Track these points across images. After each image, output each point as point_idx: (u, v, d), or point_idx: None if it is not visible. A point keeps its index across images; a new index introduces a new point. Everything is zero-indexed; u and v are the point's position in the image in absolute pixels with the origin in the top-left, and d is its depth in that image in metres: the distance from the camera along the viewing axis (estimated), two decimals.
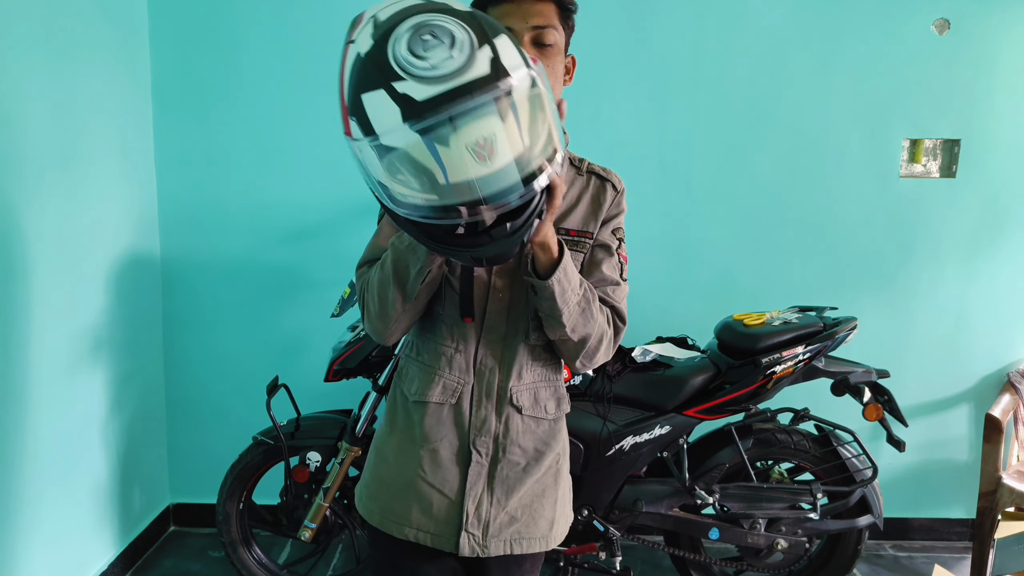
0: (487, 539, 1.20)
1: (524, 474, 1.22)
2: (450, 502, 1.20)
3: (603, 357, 1.21)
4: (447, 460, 1.20)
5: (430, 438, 1.20)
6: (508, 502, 1.21)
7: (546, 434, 1.25)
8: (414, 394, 1.22)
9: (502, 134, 0.83)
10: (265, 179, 2.61)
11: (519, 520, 1.23)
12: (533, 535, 1.24)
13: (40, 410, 2.04)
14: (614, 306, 1.21)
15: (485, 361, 1.20)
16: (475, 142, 0.82)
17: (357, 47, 0.86)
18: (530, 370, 1.23)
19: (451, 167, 0.82)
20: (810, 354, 2.09)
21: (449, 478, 1.20)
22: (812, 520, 2.13)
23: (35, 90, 1.97)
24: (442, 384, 1.20)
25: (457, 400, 1.20)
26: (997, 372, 2.75)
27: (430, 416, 1.20)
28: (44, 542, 2.08)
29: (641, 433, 2.09)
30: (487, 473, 1.20)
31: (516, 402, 1.21)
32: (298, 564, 2.43)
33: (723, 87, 2.60)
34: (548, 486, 1.26)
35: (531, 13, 1.13)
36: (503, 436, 1.21)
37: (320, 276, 2.67)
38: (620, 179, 1.27)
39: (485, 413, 1.20)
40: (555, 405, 1.26)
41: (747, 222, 2.67)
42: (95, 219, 2.27)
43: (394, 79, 0.82)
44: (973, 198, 2.66)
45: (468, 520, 1.19)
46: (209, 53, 2.57)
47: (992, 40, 2.57)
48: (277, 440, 2.21)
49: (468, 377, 1.20)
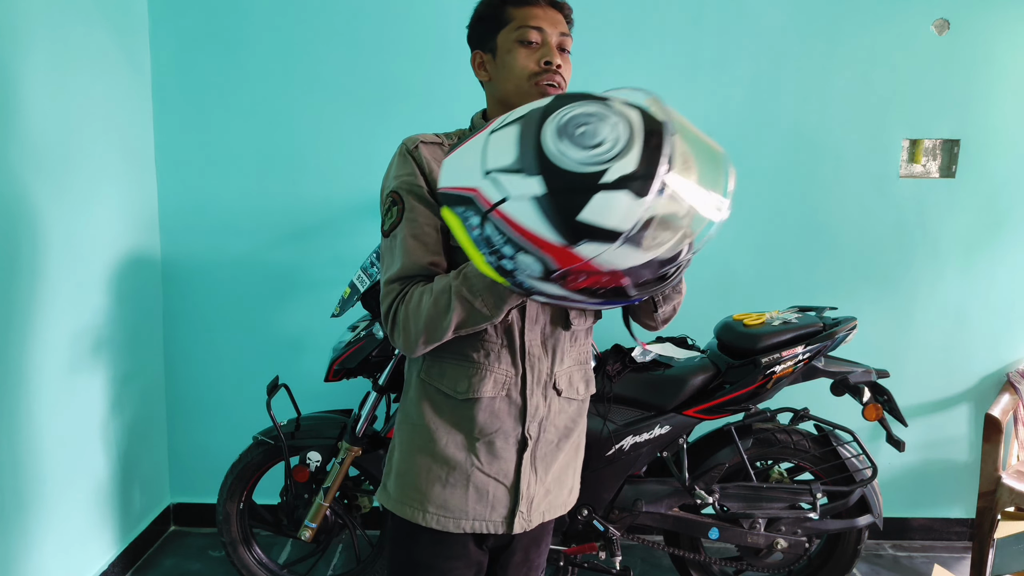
0: (531, 514, 1.29)
1: (556, 450, 1.31)
2: (505, 488, 1.27)
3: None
4: (503, 449, 1.26)
5: (486, 431, 1.25)
6: (547, 477, 1.31)
7: (575, 412, 1.34)
8: (464, 392, 1.23)
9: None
10: (265, 179, 2.62)
11: (552, 492, 1.33)
12: (559, 503, 1.35)
13: (40, 410, 2.04)
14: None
15: (532, 351, 1.25)
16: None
17: (523, 189, 0.87)
18: (569, 355, 1.30)
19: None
20: (810, 354, 2.09)
21: (504, 467, 1.26)
22: (812, 520, 2.13)
23: (36, 90, 1.97)
24: (492, 379, 1.23)
25: (507, 392, 1.24)
26: (997, 372, 2.75)
27: (483, 410, 1.24)
28: (44, 542, 2.08)
29: (641, 433, 2.09)
30: (531, 455, 1.28)
31: (557, 386, 1.28)
32: (298, 564, 2.43)
33: (723, 87, 2.61)
34: (572, 458, 1.37)
35: (557, 21, 1.23)
36: (545, 418, 1.28)
37: (320, 276, 2.67)
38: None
39: (537, 400, 1.26)
40: (584, 387, 1.36)
41: (747, 222, 2.67)
42: (95, 219, 2.27)
43: (594, 178, 0.84)
44: (972, 198, 2.66)
45: (522, 501, 1.27)
46: (209, 53, 2.57)
47: (991, 40, 2.57)
48: (277, 440, 2.21)
49: (517, 368, 1.24)
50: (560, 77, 1.21)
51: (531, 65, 1.20)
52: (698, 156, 0.93)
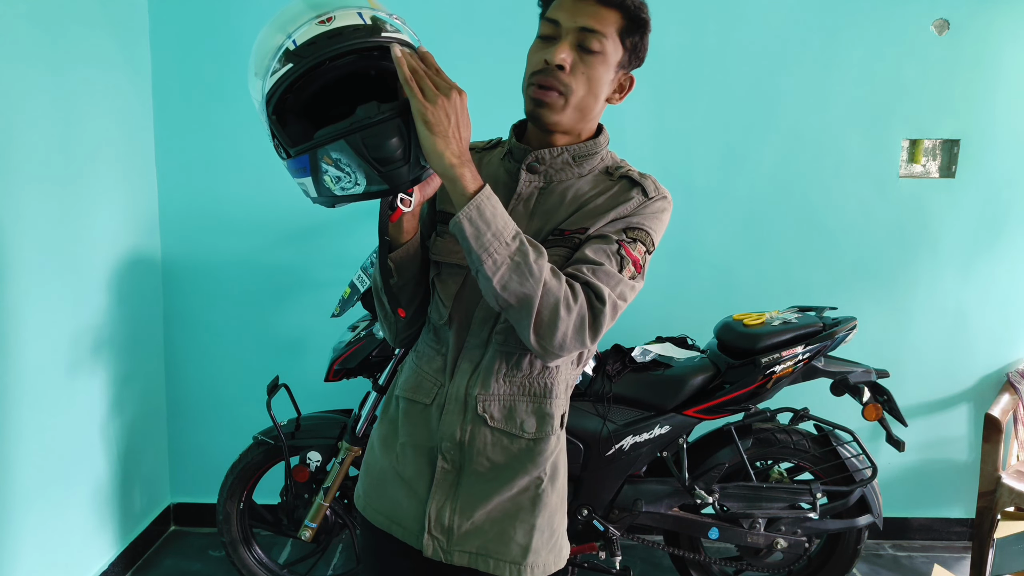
0: (451, 546, 1.16)
1: (490, 489, 1.15)
2: (418, 501, 1.18)
3: (573, 339, 1.03)
4: (415, 460, 1.19)
5: (405, 434, 1.20)
6: (473, 513, 1.15)
7: (522, 453, 1.15)
8: (399, 388, 1.23)
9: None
10: (265, 179, 2.62)
11: (487, 534, 1.15)
12: (502, 556, 1.15)
13: (40, 410, 2.04)
14: (588, 281, 1.04)
15: (461, 366, 1.16)
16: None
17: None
18: (504, 380, 1.14)
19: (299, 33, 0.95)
20: (810, 354, 2.09)
21: (418, 478, 1.18)
22: (812, 520, 2.13)
23: (36, 90, 1.97)
24: (420, 383, 1.20)
25: (431, 401, 1.18)
26: (996, 372, 2.75)
27: (407, 413, 1.20)
28: (45, 542, 2.09)
29: (641, 433, 2.09)
30: (451, 481, 1.16)
31: (482, 411, 1.14)
32: (298, 564, 2.43)
33: (723, 87, 2.61)
34: (523, 508, 1.16)
35: (584, 13, 1.07)
36: (468, 445, 1.15)
37: (320, 276, 2.67)
38: (659, 187, 1.16)
39: (451, 419, 1.15)
40: (535, 424, 1.15)
41: (747, 222, 2.68)
42: (96, 219, 2.28)
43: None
44: (973, 198, 2.66)
45: (431, 523, 1.16)
46: (209, 53, 2.57)
47: (992, 40, 2.57)
48: (277, 440, 2.21)
49: (443, 379, 1.17)
50: (556, 80, 1.07)
51: (536, 63, 1.10)
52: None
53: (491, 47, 2.45)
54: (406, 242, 1.14)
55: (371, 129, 0.95)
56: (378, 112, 0.95)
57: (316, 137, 0.97)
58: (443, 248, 1.17)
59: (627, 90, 1.18)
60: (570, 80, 1.08)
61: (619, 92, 1.17)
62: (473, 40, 2.49)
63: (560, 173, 1.17)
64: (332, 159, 0.97)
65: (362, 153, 0.95)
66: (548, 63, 1.07)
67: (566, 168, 1.16)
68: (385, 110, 0.95)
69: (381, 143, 0.96)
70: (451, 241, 1.15)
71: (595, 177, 1.18)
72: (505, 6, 2.46)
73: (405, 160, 0.98)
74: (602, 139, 1.19)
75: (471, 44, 2.48)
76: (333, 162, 0.97)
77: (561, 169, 1.16)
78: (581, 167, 1.17)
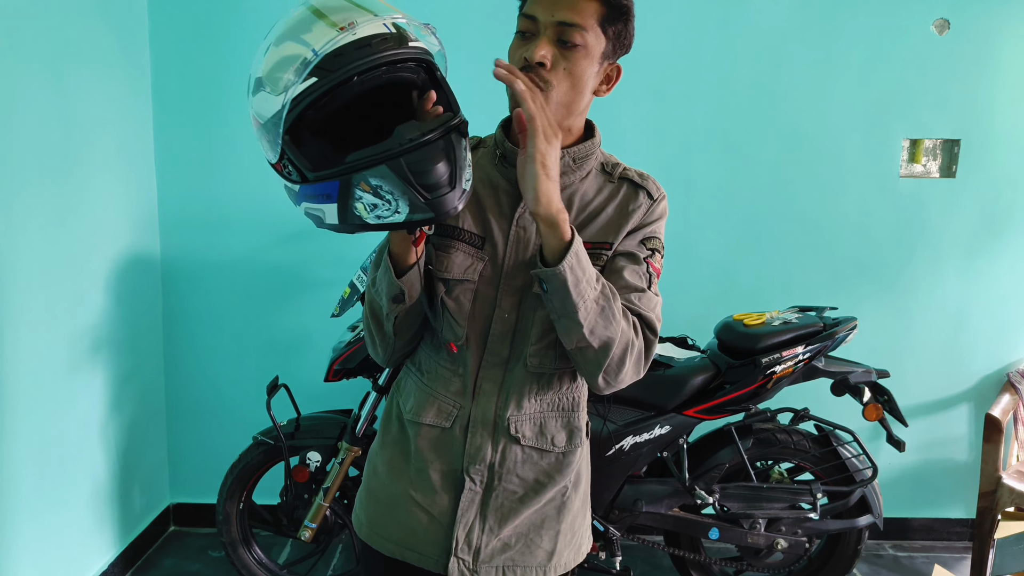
0: (477, 564, 1.14)
1: (520, 504, 1.15)
2: (439, 525, 1.15)
3: (632, 374, 1.09)
4: (437, 484, 1.14)
5: (421, 459, 1.15)
6: (501, 530, 1.15)
7: (551, 466, 1.16)
8: (409, 412, 1.17)
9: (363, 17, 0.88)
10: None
11: (513, 547, 1.16)
12: (528, 563, 1.17)
13: (40, 410, 2.04)
14: (641, 314, 1.07)
15: (483, 387, 1.12)
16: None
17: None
18: (535, 399, 1.14)
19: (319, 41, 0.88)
20: (810, 354, 2.09)
21: (439, 501, 1.14)
22: (812, 520, 2.13)
23: (35, 90, 1.97)
24: (437, 407, 1.15)
25: (452, 424, 1.14)
26: (997, 372, 2.75)
27: (423, 438, 1.15)
28: (44, 542, 2.08)
29: (641, 433, 2.09)
30: (480, 501, 1.14)
31: (515, 432, 1.13)
32: (298, 564, 2.43)
33: (723, 87, 2.60)
34: (549, 517, 1.18)
35: (562, 6, 1.01)
36: (499, 465, 1.13)
37: (320, 276, 2.67)
38: (658, 185, 1.16)
39: (480, 441, 1.12)
40: (566, 438, 1.17)
41: (747, 222, 2.67)
42: (95, 219, 2.27)
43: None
44: (973, 198, 2.66)
45: (459, 546, 1.13)
46: (209, 53, 2.57)
47: (992, 40, 2.57)
48: (277, 440, 2.21)
49: (464, 401, 1.13)
50: (537, 78, 1.01)
51: (515, 61, 1.04)
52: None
53: (478, 36, 2.45)
54: (413, 263, 1.08)
55: (417, 152, 0.85)
56: (420, 133, 0.85)
57: (349, 161, 0.87)
58: (451, 264, 1.11)
59: (614, 80, 1.13)
60: (552, 77, 1.02)
61: (606, 83, 1.12)
62: (460, 29, 2.49)
63: (563, 178, 1.11)
64: (371, 186, 0.86)
65: (407, 179, 0.86)
66: (528, 61, 1.02)
67: (568, 172, 1.13)
68: (428, 130, 0.86)
69: (428, 168, 0.86)
70: (460, 256, 1.11)
71: (594, 178, 1.16)
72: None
73: (451, 185, 0.89)
74: (597, 138, 1.16)
75: (457, 33, 2.49)
76: (372, 189, 0.87)
77: (564, 173, 1.11)
78: (581, 169, 1.15)
